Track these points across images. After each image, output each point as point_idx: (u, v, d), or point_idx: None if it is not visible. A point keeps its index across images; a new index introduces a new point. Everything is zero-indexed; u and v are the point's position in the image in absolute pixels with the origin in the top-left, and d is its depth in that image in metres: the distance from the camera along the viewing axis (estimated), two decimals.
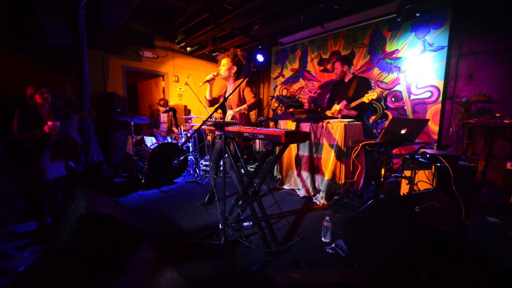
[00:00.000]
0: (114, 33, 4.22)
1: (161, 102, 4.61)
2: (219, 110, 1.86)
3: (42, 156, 2.14)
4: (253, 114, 6.73)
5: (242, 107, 2.57)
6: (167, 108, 4.75)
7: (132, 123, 3.80)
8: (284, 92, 5.95)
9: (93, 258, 1.63)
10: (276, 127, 4.05)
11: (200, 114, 5.98)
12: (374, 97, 2.80)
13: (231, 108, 2.68)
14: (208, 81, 2.63)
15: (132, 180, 4.03)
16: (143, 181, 3.63)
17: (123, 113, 4.57)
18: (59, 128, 2.17)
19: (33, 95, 2.15)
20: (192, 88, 3.65)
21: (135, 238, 1.77)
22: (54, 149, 2.23)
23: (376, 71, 4.19)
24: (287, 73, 5.82)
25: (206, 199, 2.96)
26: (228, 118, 2.45)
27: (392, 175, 2.89)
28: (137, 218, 2.32)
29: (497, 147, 3.04)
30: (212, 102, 2.84)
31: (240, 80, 2.68)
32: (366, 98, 2.85)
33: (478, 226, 2.35)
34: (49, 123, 2.09)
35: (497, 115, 2.71)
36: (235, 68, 2.67)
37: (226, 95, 2.72)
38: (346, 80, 3.34)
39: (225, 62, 2.65)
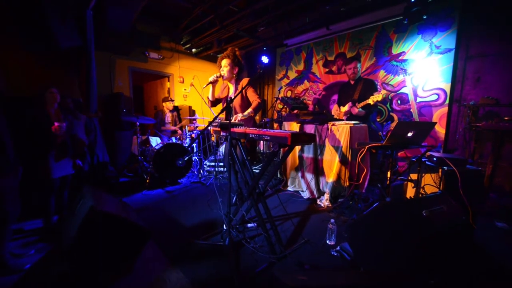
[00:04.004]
0: (121, 35, 4.27)
1: (169, 98, 4.63)
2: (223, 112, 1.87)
3: (49, 155, 2.17)
4: (257, 116, 6.74)
5: (248, 111, 2.58)
6: (172, 107, 4.77)
7: (138, 123, 3.83)
8: (289, 94, 5.95)
9: (99, 257, 1.64)
10: (281, 129, 4.05)
11: (204, 115, 6.00)
12: (379, 98, 2.79)
13: (235, 109, 2.69)
14: (211, 82, 2.60)
15: (137, 180, 4.06)
16: (148, 181, 3.66)
17: (129, 113, 4.61)
18: (65, 129, 2.20)
19: (42, 94, 2.18)
20: (198, 89, 3.67)
21: (141, 237, 1.78)
22: (61, 148, 2.26)
23: (382, 73, 4.16)
24: (292, 74, 5.82)
25: (233, 199, 2.77)
26: (236, 121, 2.45)
27: (398, 178, 2.87)
28: (142, 218, 2.34)
29: (505, 151, 2.99)
30: (215, 103, 2.86)
31: (243, 81, 2.70)
32: (371, 100, 2.85)
33: (485, 230, 2.31)
34: (55, 124, 2.12)
35: (506, 118, 2.68)
36: (237, 69, 2.70)
37: (230, 96, 2.72)
38: (353, 82, 3.33)
39: (226, 63, 2.65)
